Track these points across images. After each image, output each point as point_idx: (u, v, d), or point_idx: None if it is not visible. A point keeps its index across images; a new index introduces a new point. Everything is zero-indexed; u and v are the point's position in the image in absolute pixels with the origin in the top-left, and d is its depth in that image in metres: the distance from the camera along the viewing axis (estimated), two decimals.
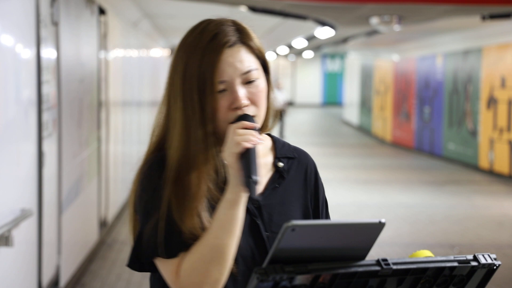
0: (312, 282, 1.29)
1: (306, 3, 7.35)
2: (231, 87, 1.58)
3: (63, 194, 5.46)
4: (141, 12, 10.98)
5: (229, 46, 1.59)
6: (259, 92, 1.60)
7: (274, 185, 1.69)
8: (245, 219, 1.61)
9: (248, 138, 1.51)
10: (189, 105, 1.58)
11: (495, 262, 1.40)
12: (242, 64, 1.59)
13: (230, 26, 1.62)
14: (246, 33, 1.63)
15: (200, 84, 1.57)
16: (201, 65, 1.57)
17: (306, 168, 1.74)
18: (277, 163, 1.71)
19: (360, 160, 15.31)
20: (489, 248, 7.39)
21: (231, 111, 1.57)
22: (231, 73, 1.57)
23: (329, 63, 35.60)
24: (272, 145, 1.75)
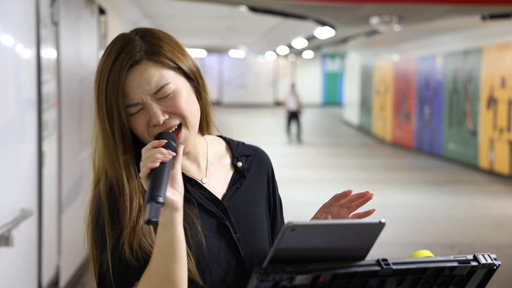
0: (312, 282, 1.29)
1: (306, 3, 7.35)
2: (145, 106, 1.52)
3: (63, 194, 5.46)
4: (141, 12, 10.98)
5: (133, 65, 1.52)
6: (178, 103, 1.53)
7: (236, 186, 1.67)
8: (212, 223, 1.60)
9: (153, 157, 1.44)
10: (104, 130, 1.54)
11: (495, 262, 1.40)
12: (150, 84, 1.52)
13: (137, 40, 1.55)
14: (154, 45, 1.55)
15: (109, 110, 1.52)
16: (108, 90, 1.52)
17: (264, 166, 1.74)
18: (236, 163, 1.70)
19: (360, 160, 15.31)
20: (489, 248, 7.39)
21: (152, 127, 1.53)
22: (141, 95, 1.52)
23: (329, 63, 35.60)
24: (226, 146, 1.73)
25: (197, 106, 1.59)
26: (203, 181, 1.64)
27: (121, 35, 1.58)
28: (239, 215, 1.64)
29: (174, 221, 1.46)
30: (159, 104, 1.53)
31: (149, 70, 1.53)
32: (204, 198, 1.62)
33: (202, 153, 1.67)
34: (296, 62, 35.55)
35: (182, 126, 1.55)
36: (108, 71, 1.52)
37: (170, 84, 1.53)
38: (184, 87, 1.56)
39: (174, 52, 1.56)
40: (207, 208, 1.61)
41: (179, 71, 1.56)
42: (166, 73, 1.54)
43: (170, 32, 1.64)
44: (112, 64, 1.52)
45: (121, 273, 1.50)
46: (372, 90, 21.82)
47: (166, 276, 1.46)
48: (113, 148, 1.54)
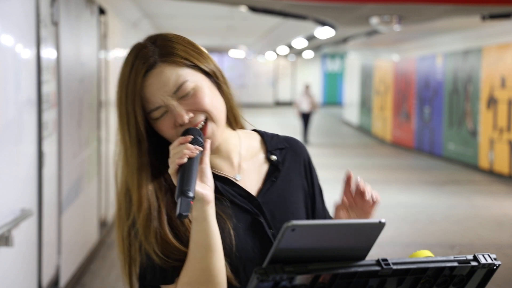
0: (312, 282, 1.29)
1: (306, 3, 7.35)
2: (168, 108, 1.54)
3: (63, 194, 5.46)
4: (141, 12, 10.98)
5: (149, 69, 1.54)
6: (199, 99, 1.55)
7: (271, 180, 1.67)
8: (246, 220, 1.60)
9: (180, 153, 1.47)
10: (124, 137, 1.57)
11: (495, 262, 1.40)
12: (168, 85, 1.54)
13: (149, 46, 1.58)
14: (166, 46, 1.58)
15: (130, 118, 1.55)
16: (127, 99, 1.55)
17: (300, 157, 1.73)
18: (270, 157, 1.69)
19: (360, 160, 15.31)
20: (489, 248, 7.39)
21: (179, 127, 1.55)
22: (161, 97, 1.54)
23: (329, 63, 35.60)
24: (260, 139, 1.73)
25: (220, 101, 1.60)
26: (236, 178, 1.64)
27: (135, 44, 1.60)
28: (274, 210, 1.63)
29: (206, 214, 1.48)
30: (181, 104, 1.54)
31: (165, 72, 1.55)
32: (238, 196, 1.62)
33: (235, 149, 1.67)
34: (296, 62, 35.55)
35: (208, 121, 1.56)
36: (126, 80, 1.55)
37: (188, 82, 1.55)
38: (204, 83, 1.58)
39: (187, 51, 1.58)
40: (241, 205, 1.61)
41: (196, 68, 1.58)
42: (183, 72, 1.56)
43: (170, 32, 1.65)
44: (129, 73, 1.55)
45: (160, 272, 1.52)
46: (372, 90, 21.82)
47: (203, 268, 1.48)
48: (129, 153, 1.56)
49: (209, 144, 1.53)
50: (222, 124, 1.59)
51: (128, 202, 1.58)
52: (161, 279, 1.53)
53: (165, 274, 1.52)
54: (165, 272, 1.52)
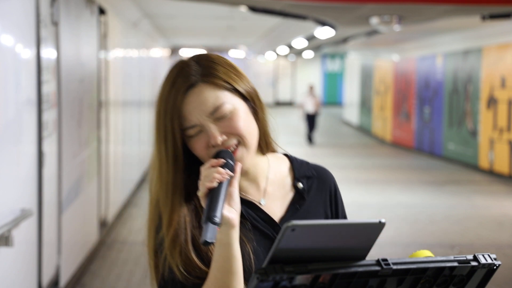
0: (312, 282, 1.29)
1: (306, 3, 7.35)
2: (203, 127, 1.56)
3: (63, 194, 5.46)
4: (141, 12, 10.98)
5: (189, 88, 1.56)
6: (235, 123, 1.57)
7: (295, 207, 1.67)
8: (267, 245, 1.60)
9: (211, 177, 1.49)
10: (160, 151, 1.59)
11: (495, 262, 1.40)
12: (206, 104, 1.56)
13: (193, 65, 1.59)
14: (209, 68, 1.59)
15: (167, 134, 1.57)
16: (165, 115, 1.57)
17: (326, 186, 1.73)
18: (297, 184, 1.70)
19: (360, 160, 15.31)
20: (489, 248, 7.39)
21: (212, 148, 1.56)
22: (198, 116, 1.56)
23: (329, 63, 35.60)
24: (290, 165, 1.73)
25: (254, 126, 1.61)
26: (261, 203, 1.65)
27: (179, 61, 1.62)
28: None
29: (230, 239, 1.50)
30: (216, 125, 1.56)
31: (205, 92, 1.57)
32: (260, 220, 1.63)
33: (262, 174, 1.67)
34: (296, 62, 35.55)
35: (239, 145, 1.58)
36: (166, 96, 1.57)
37: (226, 105, 1.57)
38: (241, 107, 1.59)
39: (228, 74, 1.60)
40: (263, 230, 1.62)
41: (235, 92, 1.59)
42: (222, 94, 1.57)
43: (170, 32, 1.66)
44: (170, 89, 1.57)
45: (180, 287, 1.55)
46: (372, 90, 21.82)
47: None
48: (165, 170, 1.58)
49: (240, 167, 1.55)
50: (253, 150, 1.61)
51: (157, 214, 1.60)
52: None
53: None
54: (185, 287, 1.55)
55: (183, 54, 27.70)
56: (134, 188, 10.40)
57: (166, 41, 19.08)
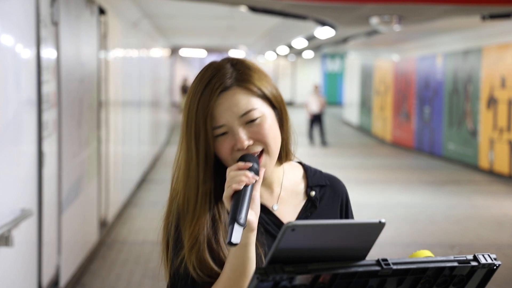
0: (312, 282, 1.29)
1: (306, 3, 7.35)
2: (231, 130, 1.59)
3: (63, 194, 5.46)
4: (141, 12, 10.98)
5: (223, 90, 1.60)
6: (263, 130, 1.60)
7: (306, 214, 1.71)
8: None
9: (238, 179, 1.51)
10: (189, 150, 1.61)
11: (495, 262, 1.40)
12: (238, 107, 1.59)
13: (228, 68, 1.63)
14: (244, 73, 1.63)
15: (196, 131, 1.59)
16: (197, 112, 1.59)
17: (338, 196, 1.77)
18: (309, 192, 1.73)
19: (360, 160, 15.31)
20: (489, 248, 7.39)
21: (236, 151, 1.59)
22: (228, 118, 1.59)
23: (329, 63, 35.60)
24: (303, 173, 1.76)
25: (279, 135, 1.65)
26: (273, 208, 1.69)
27: (212, 63, 1.65)
28: None
29: (248, 240, 1.52)
30: (245, 130, 1.59)
31: (238, 96, 1.60)
32: (272, 225, 1.67)
33: (277, 181, 1.71)
34: (296, 62, 35.55)
35: (263, 152, 1.61)
36: (200, 95, 1.60)
37: (256, 110, 1.60)
38: (269, 115, 1.63)
39: (261, 81, 1.64)
40: (274, 234, 1.66)
41: (266, 100, 1.63)
42: (254, 100, 1.61)
43: (170, 32, 1.67)
44: (203, 89, 1.60)
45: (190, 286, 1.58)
46: (372, 90, 21.82)
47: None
48: (195, 168, 1.60)
49: (263, 173, 1.58)
50: (275, 158, 1.64)
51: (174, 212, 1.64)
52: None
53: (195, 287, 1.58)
54: (195, 284, 1.57)
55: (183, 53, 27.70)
56: (134, 188, 10.40)
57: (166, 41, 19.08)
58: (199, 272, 1.56)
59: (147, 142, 12.95)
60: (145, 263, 6.63)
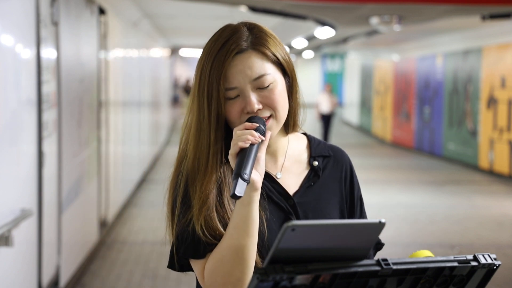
0: (312, 282, 1.29)
1: (306, 3, 7.35)
2: (243, 93, 1.61)
3: (63, 194, 5.46)
4: (141, 12, 10.98)
5: (239, 52, 1.62)
6: (274, 96, 1.62)
7: (309, 184, 1.73)
8: (280, 217, 1.67)
9: (244, 137, 1.54)
10: (201, 110, 1.63)
11: (495, 262, 1.40)
12: (252, 70, 1.61)
13: (245, 31, 1.65)
14: (260, 38, 1.65)
15: (209, 91, 1.61)
16: (211, 72, 1.61)
17: (341, 166, 1.78)
18: (312, 162, 1.75)
19: (360, 160, 15.31)
20: (489, 248, 7.39)
21: (245, 115, 1.62)
22: (241, 80, 1.61)
23: (329, 63, 35.60)
24: (307, 144, 1.79)
25: (287, 103, 1.67)
26: (277, 176, 1.71)
27: (229, 25, 1.68)
28: (308, 212, 1.70)
29: (251, 199, 1.55)
30: (256, 93, 1.62)
31: (253, 59, 1.62)
32: (275, 192, 1.69)
33: (282, 150, 1.74)
34: (296, 62, 35.54)
35: (271, 117, 1.63)
36: (214, 55, 1.62)
37: (269, 75, 1.63)
38: (280, 82, 1.65)
39: (277, 48, 1.66)
40: (277, 201, 1.68)
41: (279, 66, 1.66)
42: (268, 65, 1.63)
43: (170, 32, 1.68)
44: (219, 50, 1.62)
45: (193, 246, 1.60)
46: (372, 90, 21.82)
47: (236, 249, 1.55)
48: (206, 127, 1.62)
49: (269, 135, 1.61)
50: (281, 125, 1.67)
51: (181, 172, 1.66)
52: (193, 253, 1.60)
53: (198, 249, 1.60)
54: (198, 246, 1.59)
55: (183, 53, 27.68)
56: (134, 188, 10.39)
57: (166, 41, 19.07)
58: (206, 232, 1.58)
59: (147, 142, 12.95)
60: (145, 263, 6.63)
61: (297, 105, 1.73)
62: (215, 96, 1.61)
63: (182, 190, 1.64)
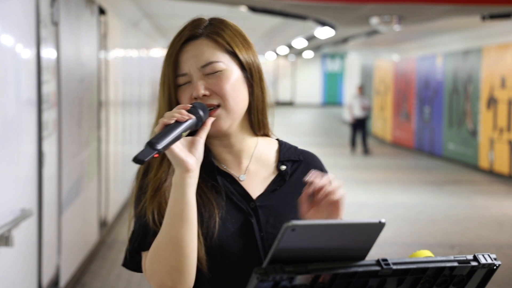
0: (312, 282, 1.29)
1: (306, 3, 7.35)
2: (192, 78, 1.60)
3: (63, 194, 5.46)
4: (141, 12, 10.98)
5: (191, 39, 1.61)
6: (221, 83, 1.59)
7: (274, 188, 1.68)
8: (239, 219, 1.62)
9: (170, 115, 1.51)
10: (160, 97, 1.64)
11: (495, 262, 1.40)
12: (201, 57, 1.60)
13: (205, 21, 1.65)
14: (218, 28, 1.63)
15: (164, 78, 1.63)
16: (166, 59, 1.63)
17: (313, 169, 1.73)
18: (280, 166, 1.70)
19: (360, 160, 15.31)
20: (489, 248, 7.39)
21: (194, 100, 1.59)
22: (190, 66, 1.60)
23: (329, 63, 35.60)
24: (277, 148, 1.74)
25: (243, 97, 1.63)
26: (240, 178, 1.67)
27: (197, 17, 1.68)
28: (270, 215, 1.65)
29: (184, 182, 1.50)
30: (204, 80, 1.60)
31: (204, 46, 1.61)
32: (236, 194, 1.64)
33: (247, 152, 1.69)
34: (296, 62, 35.55)
35: (220, 107, 1.60)
36: (171, 43, 1.63)
37: (219, 63, 1.60)
38: (234, 72, 1.62)
39: (234, 39, 1.63)
40: (237, 203, 1.63)
41: (234, 57, 1.63)
42: (220, 54, 1.61)
43: (170, 32, 1.68)
44: (175, 37, 1.64)
45: (140, 237, 1.57)
46: (372, 90, 21.82)
47: (171, 237, 1.50)
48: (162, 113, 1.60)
49: (211, 121, 1.57)
50: (233, 117, 1.62)
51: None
52: (142, 244, 1.57)
53: (145, 239, 1.57)
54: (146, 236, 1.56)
55: None
56: None
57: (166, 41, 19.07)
58: (156, 219, 1.55)
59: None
60: None
61: (265, 108, 1.69)
62: (167, 83, 1.62)
63: (140, 177, 1.64)
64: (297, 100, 35.42)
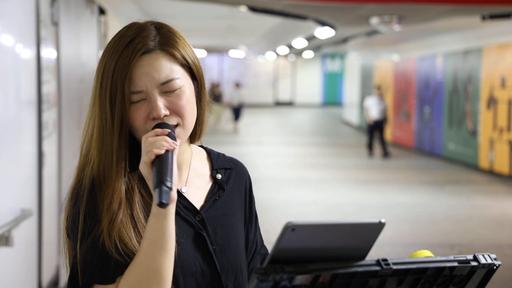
0: (312, 282, 1.29)
1: (306, 3, 7.35)
2: (149, 97, 1.49)
3: (63, 194, 5.46)
4: (141, 12, 10.99)
5: (145, 52, 1.49)
6: (181, 102, 1.51)
7: (215, 198, 1.64)
8: (189, 233, 1.56)
9: (159, 144, 1.43)
10: (104, 113, 1.50)
11: (495, 262, 1.40)
12: (159, 73, 1.50)
13: (152, 30, 1.53)
14: (169, 38, 1.53)
15: (113, 93, 1.48)
16: (114, 73, 1.48)
17: (243, 179, 1.71)
18: (215, 175, 1.67)
19: (360, 160, 15.30)
20: (489, 248, 7.39)
21: (151, 121, 1.49)
22: (147, 83, 1.49)
23: (329, 63, 35.60)
24: (207, 156, 1.69)
25: (195, 110, 1.56)
26: (182, 190, 1.60)
27: (135, 23, 1.55)
28: (216, 227, 1.61)
29: (168, 212, 1.43)
30: (163, 98, 1.50)
31: (161, 61, 1.50)
32: (183, 207, 1.58)
33: (186, 162, 1.62)
34: (296, 62, 35.54)
35: (178, 126, 1.52)
36: (119, 54, 1.49)
37: (178, 80, 1.51)
38: (189, 87, 1.54)
39: (186, 50, 1.55)
40: (185, 217, 1.57)
41: (187, 69, 1.54)
42: (176, 68, 1.52)
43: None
44: (123, 48, 1.49)
45: (100, 269, 1.45)
46: (372, 90, 21.83)
47: (154, 270, 1.43)
48: (109, 133, 1.49)
49: (179, 143, 1.49)
50: (188, 134, 1.56)
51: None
52: (101, 277, 1.46)
53: (107, 271, 1.45)
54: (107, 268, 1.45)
55: None
56: None
57: None
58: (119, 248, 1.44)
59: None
60: None
61: (205, 113, 1.60)
62: (119, 100, 1.47)
63: (86, 201, 1.49)
64: (297, 100, 35.42)
